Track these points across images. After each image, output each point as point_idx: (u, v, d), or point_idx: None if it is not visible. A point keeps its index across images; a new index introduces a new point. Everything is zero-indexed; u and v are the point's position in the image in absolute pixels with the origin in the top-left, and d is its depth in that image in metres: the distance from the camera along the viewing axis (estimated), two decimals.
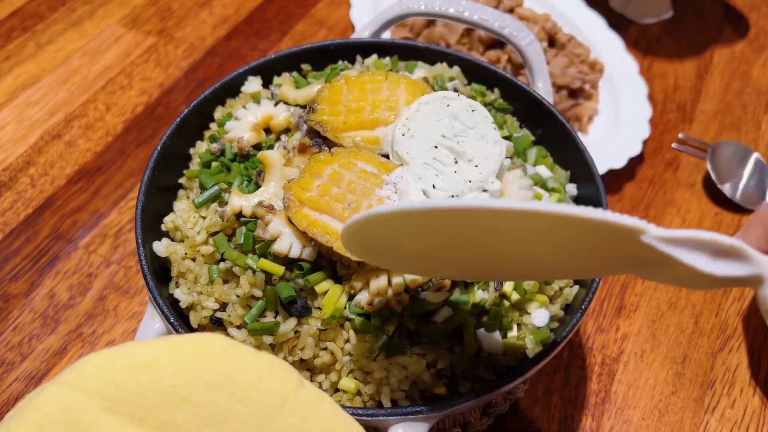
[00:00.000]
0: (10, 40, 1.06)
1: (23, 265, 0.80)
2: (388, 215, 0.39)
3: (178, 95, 1.00)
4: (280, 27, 1.12)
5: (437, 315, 0.54)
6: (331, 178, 0.56)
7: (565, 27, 1.04)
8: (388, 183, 0.56)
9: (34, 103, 0.97)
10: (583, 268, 0.47)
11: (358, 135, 0.60)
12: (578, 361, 0.75)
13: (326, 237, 0.53)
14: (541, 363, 0.53)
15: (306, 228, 0.53)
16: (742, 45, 1.13)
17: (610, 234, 0.37)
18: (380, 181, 0.56)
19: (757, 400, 0.72)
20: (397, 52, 0.73)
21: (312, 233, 0.53)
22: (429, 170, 0.56)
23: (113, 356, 0.36)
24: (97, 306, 0.77)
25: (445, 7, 0.73)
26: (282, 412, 0.37)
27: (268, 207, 0.55)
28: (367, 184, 0.56)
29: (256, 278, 0.54)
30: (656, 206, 0.89)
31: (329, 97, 0.63)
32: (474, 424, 0.63)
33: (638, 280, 0.82)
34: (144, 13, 1.12)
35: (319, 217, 0.54)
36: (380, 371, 0.53)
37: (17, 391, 0.70)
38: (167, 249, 0.58)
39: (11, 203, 0.86)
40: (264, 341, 0.53)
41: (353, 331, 0.54)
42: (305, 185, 0.56)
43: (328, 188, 0.55)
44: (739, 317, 0.79)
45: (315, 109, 0.62)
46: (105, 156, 0.92)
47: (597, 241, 0.39)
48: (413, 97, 0.61)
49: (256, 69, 0.71)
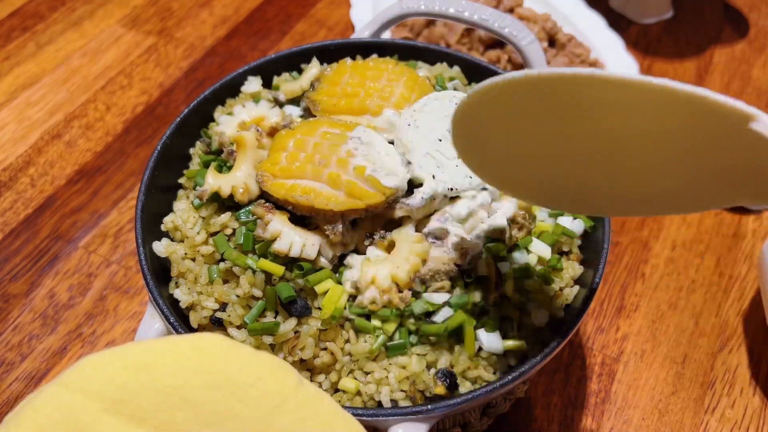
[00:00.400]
0: (10, 40, 1.06)
1: (23, 265, 0.80)
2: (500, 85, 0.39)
3: (178, 95, 1.00)
4: (280, 27, 1.12)
5: (437, 315, 0.54)
6: (296, 146, 0.58)
7: (565, 27, 1.04)
8: (352, 138, 0.58)
9: (34, 103, 0.97)
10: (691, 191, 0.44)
11: (345, 119, 0.61)
12: (578, 361, 0.74)
13: (305, 197, 0.54)
14: (541, 363, 0.53)
15: (285, 195, 0.55)
16: (742, 45, 1.13)
17: (718, 121, 0.35)
18: (345, 137, 0.58)
19: (757, 400, 0.72)
20: (397, 52, 0.73)
21: (292, 198, 0.55)
22: (430, 161, 0.57)
23: (113, 357, 0.36)
24: (97, 306, 0.77)
25: (445, 7, 0.73)
26: (282, 411, 0.37)
27: (267, 207, 0.55)
28: (332, 142, 0.58)
29: (256, 278, 0.54)
30: None
31: (331, 77, 0.65)
32: (474, 424, 0.63)
33: (638, 280, 0.82)
34: (144, 13, 1.12)
35: (294, 182, 0.56)
36: (380, 371, 0.53)
37: (17, 391, 0.70)
38: (167, 249, 0.58)
39: (11, 203, 0.86)
40: (264, 341, 0.53)
41: (353, 331, 0.54)
42: (274, 160, 0.58)
43: (296, 155, 0.57)
44: (739, 317, 0.79)
45: (316, 87, 0.64)
46: (105, 156, 0.92)
47: (705, 134, 0.37)
48: (410, 92, 0.62)
49: (256, 69, 0.71)
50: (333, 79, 0.65)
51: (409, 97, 0.62)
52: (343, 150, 0.57)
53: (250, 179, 0.58)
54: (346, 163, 0.56)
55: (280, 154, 0.58)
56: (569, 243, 0.62)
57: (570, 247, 0.62)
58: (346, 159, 0.56)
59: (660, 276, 0.82)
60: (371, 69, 0.65)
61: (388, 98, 0.62)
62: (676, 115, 0.37)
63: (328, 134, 0.58)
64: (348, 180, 0.55)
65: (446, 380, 0.53)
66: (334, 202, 0.54)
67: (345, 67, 0.66)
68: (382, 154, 0.57)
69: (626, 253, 0.85)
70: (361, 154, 0.56)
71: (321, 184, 0.55)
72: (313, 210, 0.55)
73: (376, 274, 0.53)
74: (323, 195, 0.55)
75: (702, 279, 0.82)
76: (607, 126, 0.40)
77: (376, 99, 0.62)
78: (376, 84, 0.63)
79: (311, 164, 0.56)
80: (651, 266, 0.83)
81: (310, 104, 0.63)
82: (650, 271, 0.83)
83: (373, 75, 0.64)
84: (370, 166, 0.55)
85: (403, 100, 0.62)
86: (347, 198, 0.54)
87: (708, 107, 0.35)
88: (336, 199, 0.54)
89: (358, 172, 0.55)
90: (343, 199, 0.54)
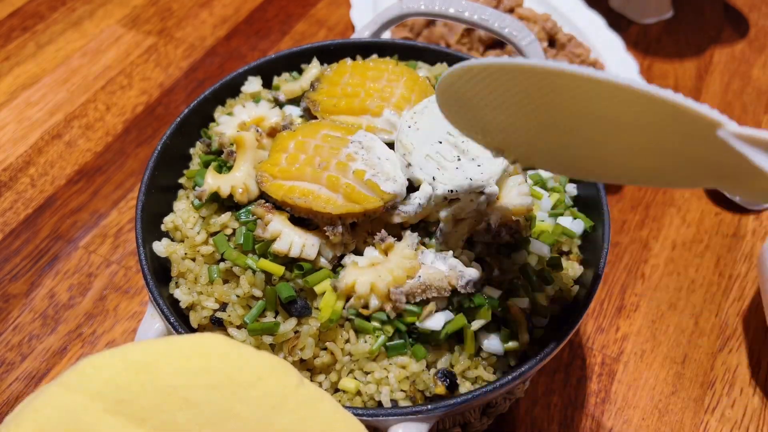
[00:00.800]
0: (10, 40, 1.06)
1: (23, 265, 0.80)
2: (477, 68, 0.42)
3: (178, 95, 1.00)
4: (280, 27, 1.12)
5: (431, 321, 0.54)
6: (296, 148, 0.58)
7: (565, 27, 1.04)
8: (353, 141, 0.58)
9: (34, 103, 0.97)
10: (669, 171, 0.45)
11: (345, 120, 0.61)
12: (578, 361, 0.75)
13: (303, 199, 0.54)
14: (541, 363, 0.53)
15: (283, 196, 0.55)
16: (742, 45, 1.13)
17: (687, 125, 0.36)
18: (345, 141, 0.58)
19: (757, 400, 0.72)
20: (397, 52, 0.73)
21: (290, 199, 0.55)
22: (430, 162, 0.56)
23: (113, 357, 0.36)
24: (97, 306, 0.77)
25: (445, 7, 0.73)
26: (282, 411, 0.37)
27: (267, 207, 0.55)
28: (333, 145, 0.58)
29: (256, 278, 0.54)
30: (656, 206, 0.89)
31: (331, 78, 0.65)
32: (474, 424, 0.63)
33: (638, 280, 0.82)
34: (144, 13, 1.12)
35: (293, 184, 0.56)
36: (380, 371, 0.53)
37: (17, 391, 0.70)
38: (167, 249, 0.58)
39: (11, 203, 0.86)
40: (264, 341, 0.53)
41: (353, 331, 0.54)
42: (274, 161, 0.58)
43: (296, 157, 0.57)
44: (739, 317, 0.79)
45: (316, 87, 0.64)
46: (105, 156, 0.92)
47: (675, 134, 0.38)
48: (410, 93, 0.62)
49: (256, 69, 0.71)
50: (333, 80, 0.65)
51: (409, 97, 0.62)
52: (344, 153, 0.57)
53: (249, 179, 0.58)
54: (345, 166, 0.56)
55: (281, 155, 0.58)
56: (569, 243, 0.62)
57: (570, 247, 0.62)
58: (345, 163, 0.56)
59: (660, 276, 0.82)
60: (371, 69, 0.65)
61: (388, 99, 0.62)
62: (648, 112, 0.39)
63: (329, 137, 0.58)
64: (347, 183, 0.55)
65: (446, 380, 0.53)
66: (332, 205, 0.54)
67: (345, 68, 0.66)
68: (383, 159, 0.57)
69: (626, 253, 0.85)
70: (361, 158, 0.56)
71: (319, 186, 0.55)
72: (310, 212, 0.55)
73: (356, 279, 0.53)
74: (321, 197, 0.55)
75: (702, 279, 0.82)
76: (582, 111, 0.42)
77: (376, 99, 0.62)
78: (376, 84, 0.63)
79: (311, 166, 0.56)
80: (651, 266, 0.83)
81: (310, 104, 0.63)
82: (650, 271, 0.83)
83: (373, 75, 0.64)
84: (369, 171, 0.55)
85: (403, 101, 0.62)
86: (345, 201, 0.54)
87: (678, 111, 0.37)
88: (334, 202, 0.54)
89: (357, 176, 0.55)
90: (341, 203, 0.54)
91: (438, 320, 0.53)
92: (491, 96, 0.44)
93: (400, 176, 0.56)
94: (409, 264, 0.54)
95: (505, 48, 0.93)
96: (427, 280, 0.53)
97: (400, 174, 0.56)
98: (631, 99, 0.38)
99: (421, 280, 0.53)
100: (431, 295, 0.53)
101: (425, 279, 0.53)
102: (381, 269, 0.53)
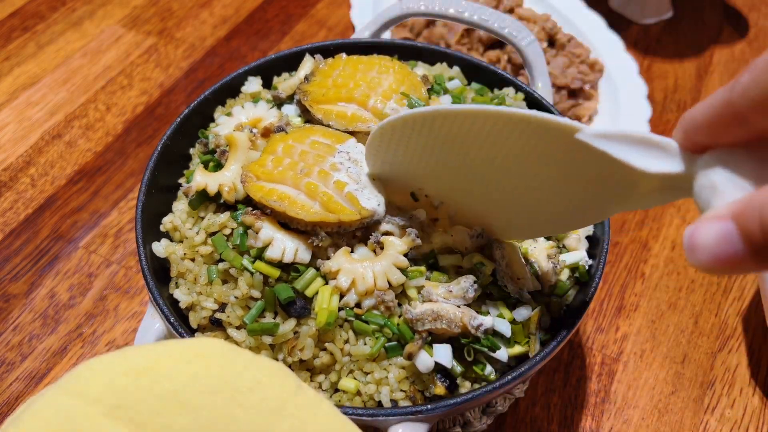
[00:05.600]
0: (11, 40, 1.06)
1: (23, 265, 0.80)
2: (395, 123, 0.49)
3: (178, 95, 1.00)
4: (280, 27, 1.12)
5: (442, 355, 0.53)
6: (284, 152, 0.58)
7: (565, 27, 1.04)
8: (341, 151, 0.58)
9: (34, 103, 0.97)
10: (578, 206, 0.47)
11: (332, 109, 0.62)
12: (578, 361, 0.75)
13: (279, 203, 0.54)
14: (541, 363, 0.53)
15: (261, 198, 0.55)
16: (742, 45, 1.13)
17: (557, 139, 0.40)
18: (333, 149, 0.58)
19: (757, 400, 0.72)
20: (397, 52, 0.73)
21: (267, 202, 0.55)
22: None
23: (112, 361, 0.36)
24: (97, 306, 0.77)
25: (445, 7, 0.73)
26: (281, 415, 0.37)
27: (256, 214, 0.55)
28: (319, 152, 0.58)
29: (254, 279, 0.54)
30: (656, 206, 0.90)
31: (325, 71, 0.66)
32: (474, 424, 0.63)
33: (638, 280, 0.82)
34: (144, 14, 1.12)
35: (273, 186, 0.56)
36: (380, 371, 0.53)
37: (17, 391, 0.70)
38: (166, 249, 0.58)
39: (11, 203, 0.86)
40: (264, 341, 0.53)
41: (352, 332, 0.54)
42: (261, 162, 0.58)
43: (280, 160, 0.58)
44: (739, 317, 0.79)
45: (309, 79, 0.65)
46: (105, 156, 0.92)
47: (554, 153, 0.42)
48: (399, 85, 0.63)
49: (256, 69, 0.71)
50: (326, 72, 0.66)
51: (397, 89, 0.63)
52: (329, 162, 0.57)
53: (238, 179, 0.58)
54: (327, 175, 0.55)
55: (268, 157, 0.58)
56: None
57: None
58: (328, 172, 0.56)
59: (660, 276, 0.82)
60: (363, 63, 0.66)
61: (375, 88, 0.63)
62: (528, 136, 0.43)
63: (318, 144, 0.59)
64: (324, 192, 0.54)
65: (446, 380, 0.53)
66: (306, 212, 0.54)
67: (339, 61, 0.67)
68: (369, 177, 0.57)
69: (626, 253, 0.85)
70: (346, 170, 0.56)
71: (298, 192, 0.55)
72: (286, 217, 0.54)
73: (341, 266, 0.53)
74: (297, 203, 0.54)
75: (702, 279, 0.82)
76: (481, 152, 0.46)
77: (364, 89, 0.62)
78: (366, 75, 0.64)
79: (293, 171, 0.56)
80: (651, 266, 0.83)
81: (301, 95, 0.64)
82: (650, 271, 0.83)
83: (364, 68, 0.65)
84: (352, 184, 0.55)
85: (390, 92, 0.62)
86: (321, 210, 0.54)
87: (543, 126, 0.40)
88: (309, 209, 0.54)
89: (338, 186, 0.55)
90: (316, 210, 0.54)
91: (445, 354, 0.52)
92: (400, 146, 0.51)
93: (382, 197, 0.56)
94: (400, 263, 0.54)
95: (505, 48, 0.93)
96: (441, 311, 0.52)
97: (382, 194, 0.56)
98: (504, 124, 0.42)
99: (435, 309, 0.52)
100: (440, 326, 0.52)
101: (438, 309, 0.52)
102: (370, 264, 0.53)
